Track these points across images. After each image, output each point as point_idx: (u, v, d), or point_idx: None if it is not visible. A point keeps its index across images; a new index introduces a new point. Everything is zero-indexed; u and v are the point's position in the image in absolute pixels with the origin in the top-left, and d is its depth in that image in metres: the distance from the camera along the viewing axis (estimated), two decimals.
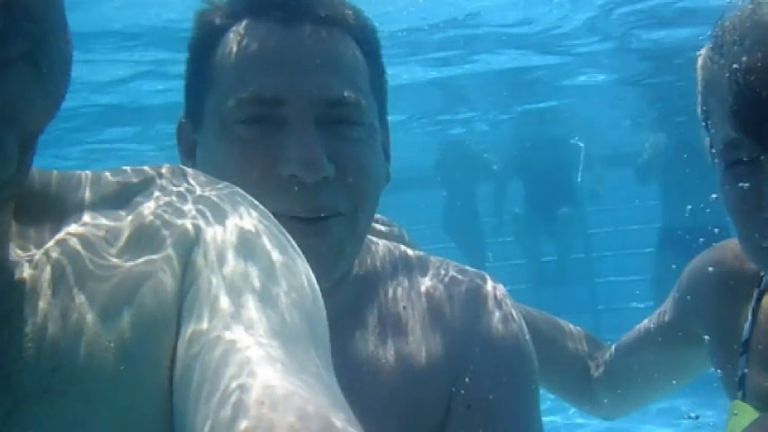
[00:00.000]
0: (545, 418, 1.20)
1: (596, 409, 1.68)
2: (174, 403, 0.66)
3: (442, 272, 1.22)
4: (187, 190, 0.78)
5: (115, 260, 0.70)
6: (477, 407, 1.12)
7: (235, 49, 1.10)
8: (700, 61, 1.18)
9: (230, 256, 0.71)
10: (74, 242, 0.70)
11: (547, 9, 5.65)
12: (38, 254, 0.70)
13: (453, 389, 1.13)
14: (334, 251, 1.08)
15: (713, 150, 1.16)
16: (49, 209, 0.73)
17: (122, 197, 0.76)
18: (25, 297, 0.67)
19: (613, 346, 1.62)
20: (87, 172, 0.79)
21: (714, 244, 1.43)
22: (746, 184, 1.09)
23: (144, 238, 0.72)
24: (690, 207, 6.02)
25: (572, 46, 6.60)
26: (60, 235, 0.71)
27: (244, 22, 1.12)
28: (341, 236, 1.08)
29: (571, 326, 1.67)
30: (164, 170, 0.80)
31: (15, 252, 0.69)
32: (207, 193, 0.78)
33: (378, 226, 1.41)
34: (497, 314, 1.18)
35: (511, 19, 5.81)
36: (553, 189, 9.26)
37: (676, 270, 1.51)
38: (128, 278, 0.69)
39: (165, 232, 0.73)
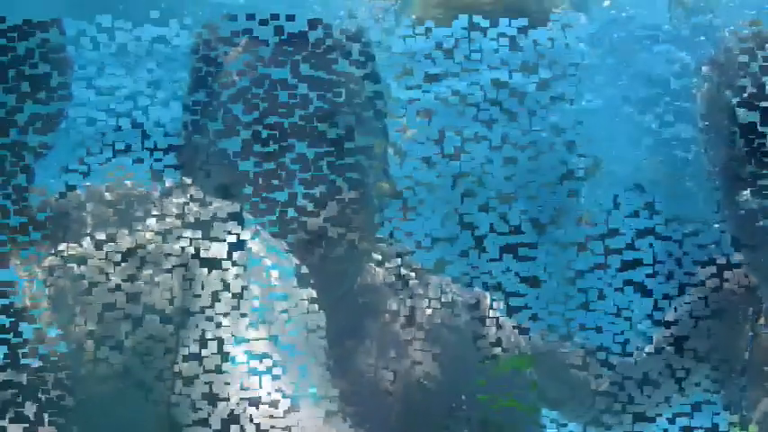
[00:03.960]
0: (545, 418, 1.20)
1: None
2: (175, 418, 0.66)
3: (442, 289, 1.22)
4: (187, 206, 0.78)
5: (115, 278, 0.71)
6: (477, 423, 1.12)
7: (234, 74, 1.10)
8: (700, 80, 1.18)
9: (231, 273, 0.71)
10: (73, 260, 0.71)
11: None
12: (38, 272, 0.70)
13: (453, 404, 1.13)
14: (336, 268, 1.08)
15: (713, 168, 1.16)
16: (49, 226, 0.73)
17: (122, 214, 0.76)
18: (25, 315, 0.67)
19: None
20: (87, 187, 0.79)
21: None
22: (746, 203, 1.09)
23: (144, 256, 0.73)
24: None
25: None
26: (60, 253, 0.71)
27: (242, 47, 1.12)
28: (343, 253, 1.08)
29: None
30: (165, 185, 0.80)
31: (15, 270, 0.69)
32: (207, 210, 0.78)
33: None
34: (497, 331, 1.19)
35: None
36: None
37: None
38: (127, 296, 0.70)
39: (165, 249, 0.73)
